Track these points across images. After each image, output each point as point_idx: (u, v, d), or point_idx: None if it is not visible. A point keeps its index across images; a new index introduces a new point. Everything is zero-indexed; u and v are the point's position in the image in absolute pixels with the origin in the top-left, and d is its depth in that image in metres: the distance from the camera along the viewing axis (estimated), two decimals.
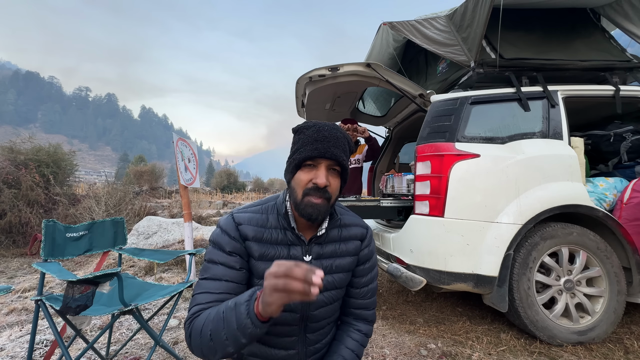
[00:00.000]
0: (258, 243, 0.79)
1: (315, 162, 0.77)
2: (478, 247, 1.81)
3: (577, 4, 2.49)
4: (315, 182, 0.75)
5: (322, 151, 0.75)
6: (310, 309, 0.82)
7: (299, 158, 0.76)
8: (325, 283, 0.83)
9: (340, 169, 0.79)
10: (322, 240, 0.85)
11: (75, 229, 1.69)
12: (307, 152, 0.75)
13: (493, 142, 1.98)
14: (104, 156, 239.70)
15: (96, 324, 2.15)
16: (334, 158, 0.76)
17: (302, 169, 0.78)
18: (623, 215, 1.97)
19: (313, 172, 0.77)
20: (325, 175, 0.76)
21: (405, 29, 2.56)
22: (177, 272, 3.47)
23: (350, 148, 0.82)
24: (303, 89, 2.54)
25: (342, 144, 0.78)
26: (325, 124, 0.80)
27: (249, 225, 0.80)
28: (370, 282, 0.93)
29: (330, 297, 0.85)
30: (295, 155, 0.78)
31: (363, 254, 0.91)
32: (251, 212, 0.84)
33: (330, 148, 0.75)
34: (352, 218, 0.92)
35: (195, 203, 9.29)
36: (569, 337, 1.79)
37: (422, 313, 2.37)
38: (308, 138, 0.77)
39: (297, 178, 0.78)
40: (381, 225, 2.79)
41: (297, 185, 0.78)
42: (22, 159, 5.34)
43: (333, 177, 0.78)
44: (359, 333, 0.90)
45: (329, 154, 0.75)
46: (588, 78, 2.38)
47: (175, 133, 3.13)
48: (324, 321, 0.87)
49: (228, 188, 23.11)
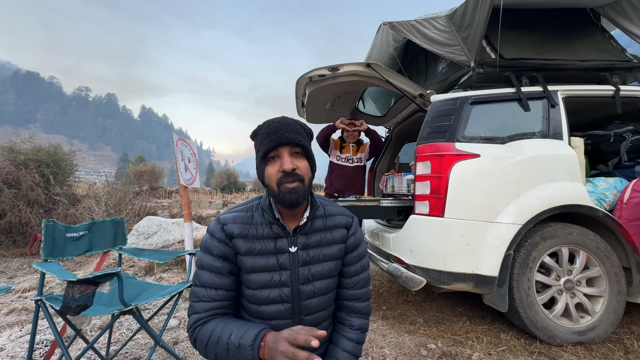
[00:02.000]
0: (244, 239, 0.83)
1: (277, 152, 0.81)
2: (478, 247, 1.81)
3: (577, 4, 2.49)
4: (283, 169, 0.79)
5: (277, 140, 0.80)
6: (300, 298, 0.84)
7: (260, 155, 0.82)
8: (314, 272, 0.85)
9: (302, 149, 0.83)
10: (308, 231, 0.88)
11: (75, 229, 1.69)
12: (265, 146, 0.81)
13: (493, 142, 1.98)
14: (104, 156, 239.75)
15: (96, 324, 2.15)
16: (289, 142, 0.80)
17: (268, 164, 0.83)
18: (623, 215, 1.97)
19: (278, 163, 0.81)
20: (290, 160, 0.80)
21: (405, 29, 2.56)
22: (177, 272, 3.47)
23: (306, 130, 0.86)
24: (303, 89, 2.54)
25: (293, 128, 0.82)
26: (274, 118, 0.85)
27: (234, 223, 0.84)
28: (360, 271, 0.94)
29: (321, 288, 0.86)
30: (258, 154, 0.84)
31: (350, 242, 0.93)
32: (236, 211, 0.88)
33: (284, 134, 0.80)
34: (336, 208, 0.96)
35: (195, 203, 9.28)
36: (569, 337, 1.79)
37: (422, 313, 2.37)
38: (262, 135, 0.82)
39: (267, 173, 0.83)
40: (381, 225, 2.79)
41: (269, 180, 0.82)
42: (22, 159, 5.34)
43: (298, 159, 0.82)
44: (353, 332, 0.91)
45: (284, 139, 0.80)
46: (588, 78, 2.38)
47: (175, 133, 3.13)
48: (318, 314, 0.87)
49: (228, 188, 23.11)
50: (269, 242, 0.84)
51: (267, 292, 0.82)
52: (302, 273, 0.84)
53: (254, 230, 0.84)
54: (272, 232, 0.85)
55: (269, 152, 0.81)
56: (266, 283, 0.82)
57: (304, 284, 0.84)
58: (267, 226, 0.85)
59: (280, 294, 0.82)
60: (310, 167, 0.85)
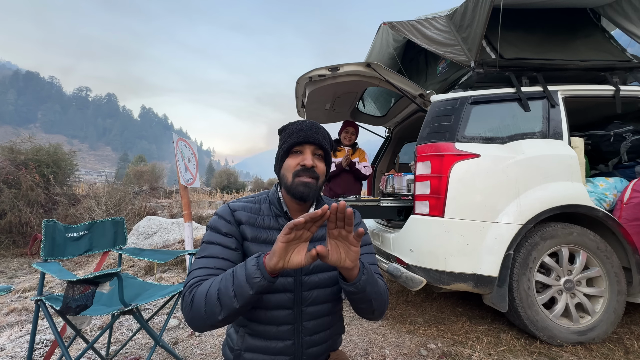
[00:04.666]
0: (251, 227, 0.86)
1: (301, 147, 0.86)
2: (478, 247, 1.81)
3: (577, 4, 2.49)
4: (303, 163, 0.84)
5: (306, 137, 0.85)
6: (303, 288, 0.85)
7: (287, 146, 0.86)
8: (318, 264, 0.87)
9: (323, 153, 0.89)
10: None
11: (75, 229, 1.69)
12: (293, 140, 0.85)
13: (493, 142, 1.98)
14: (104, 156, 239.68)
15: (96, 324, 2.15)
16: (317, 143, 0.86)
17: (290, 156, 0.87)
18: (623, 215, 1.97)
19: (300, 157, 0.86)
20: (311, 157, 0.85)
21: (405, 29, 2.56)
22: (177, 272, 3.47)
23: (330, 140, 0.93)
24: (303, 88, 2.54)
25: (322, 132, 0.89)
26: (307, 120, 0.92)
27: (242, 211, 0.88)
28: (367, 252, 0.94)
29: (324, 280, 0.87)
30: (283, 145, 0.87)
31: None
32: (245, 202, 0.92)
33: (313, 134, 0.86)
34: None
35: (195, 203, 9.29)
36: (569, 337, 1.79)
37: (422, 313, 2.37)
38: (293, 130, 0.88)
39: (286, 164, 0.86)
40: (381, 225, 2.79)
41: (287, 171, 0.86)
42: (22, 159, 5.35)
43: (318, 160, 0.88)
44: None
45: (312, 139, 0.85)
46: (588, 78, 2.38)
47: (175, 133, 3.13)
48: (321, 306, 0.87)
49: (228, 188, 23.10)
50: (275, 232, 0.86)
51: None
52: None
53: (260, 221, 0.87)
54: (278, 224, 0.87)
55: (295, 145, 0.86)
56: None
57: (307, 275, 0.85)
58: (274, 218, 0.88)
59: (284, 282, 0.83)
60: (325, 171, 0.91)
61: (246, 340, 0.85)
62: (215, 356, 1.75)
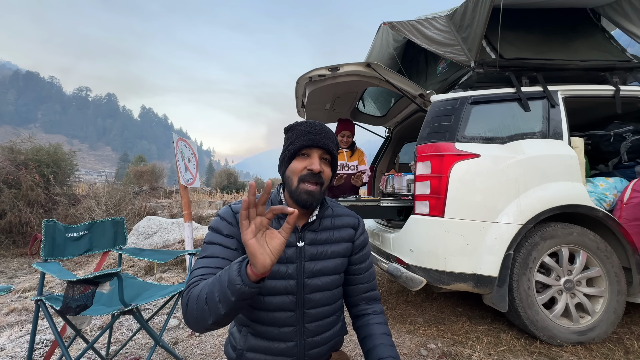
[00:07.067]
0: None
1: (309, 151, 0.85)
2: (478, 247, 1.81)
3: (577, 4, 2.49)
4: (310, 168, 0.83)
5: (314, 141, 0.84)
6: (305, 291, 0.85)
7: (294, 148, 0.84)
8: (321, 268, 0.88)
9: (330, 158, 0.88)
10: (316, 228, 0.90)
11: (75, 229, 1.69)
12: (301, 142, 0.84)
13: (493, 142, 1.98)
14: (104, 156, 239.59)
15: (96, 324, 2.15)
16: (325, 147, 0.85)
17: (297, 158, 0.86)
18: (623, 215, 1.97)
19: (307, 161, 0.85)
20: (319, 162, 0.84)
21: (405, 29, 2.56)
22: (177, 272, 3.47)
23: (337, 143, 0.92)
24: (303, 89, 2.53)
25: (331, 136, 0.88)
26: (315, 121, 0.90)
27: None
28: (370, 266, 1.02)
29: (326, 283, 0.88)
30: (290, 146, 0.85)
31: (359, 242, 0.98)
32: None
33: (322, 139, 0.85)
34: (343, 209, 1.01)
35: (195, 203, 9.29)
36: (569, 337, 1.79)
37: (422, 313, 2.37)
38: (301, 132, 0.86)
39: (292, 167, 0.85)
40: (381, 225, 2.79)
41: (292, 174, 0.85)
42: (22, 159, 5.35)
43: (325, 165, 0.87)
44: (379, 315, 0.97)
45: (320, 143, 0.84)
46: (588, 78, 2.38)
47: (175, 133, 3.13)
48: (322, 309, 0.88)
49: (228, 188, 23.10)
50: None
51: (274, 283, 0.83)
52: (308, 267, 0.86)
53: None
54: (279, 225, 0.87)
55: (303, 148, 0.84)
56: (272, 274, 0.83)
57: (309, 278, 0.86)
58: (276, 220, 0.87)
59: (286, 285, 0.83)
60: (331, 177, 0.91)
61: (249, 340, 0.85)
62: (215, 356, 1.75)
